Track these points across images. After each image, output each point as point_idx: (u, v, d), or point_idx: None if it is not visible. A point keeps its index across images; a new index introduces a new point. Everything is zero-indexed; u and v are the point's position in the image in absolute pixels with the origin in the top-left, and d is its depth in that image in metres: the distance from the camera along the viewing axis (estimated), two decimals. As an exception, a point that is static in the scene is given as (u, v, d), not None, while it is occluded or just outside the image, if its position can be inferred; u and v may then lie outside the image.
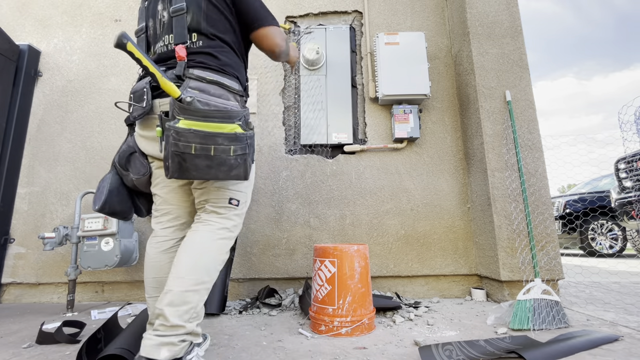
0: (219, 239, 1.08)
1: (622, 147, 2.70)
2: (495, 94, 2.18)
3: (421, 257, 2.27)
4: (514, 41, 2.26)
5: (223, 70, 1.13)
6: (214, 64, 1.11)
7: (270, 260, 2.27)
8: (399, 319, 1.65)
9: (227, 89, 1.11)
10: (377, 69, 2.43)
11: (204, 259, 1.03)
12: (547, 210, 2.01)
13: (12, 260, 2.32)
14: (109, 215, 1.22)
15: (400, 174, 2.40)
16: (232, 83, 1.14)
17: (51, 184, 2.43)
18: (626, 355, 1.13)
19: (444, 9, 2.66)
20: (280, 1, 2.67)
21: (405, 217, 2.33)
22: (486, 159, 2.10)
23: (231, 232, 1.13)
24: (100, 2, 2.71)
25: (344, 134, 2.43)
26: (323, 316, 1.48)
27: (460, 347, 1.19)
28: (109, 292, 2.31)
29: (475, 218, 2.26)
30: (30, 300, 2.31)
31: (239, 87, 1.17)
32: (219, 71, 1.12)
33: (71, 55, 2.63)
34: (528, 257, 1.94)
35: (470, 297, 2.18)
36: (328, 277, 1.51)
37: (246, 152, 1.03)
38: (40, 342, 1.41)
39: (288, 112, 2.54)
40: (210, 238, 1.07)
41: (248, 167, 1.05)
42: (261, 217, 2.33)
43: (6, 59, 2.40)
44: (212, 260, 1.05)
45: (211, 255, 1.05)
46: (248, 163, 1.05)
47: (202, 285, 1.01)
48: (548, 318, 1.48)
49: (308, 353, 1.25)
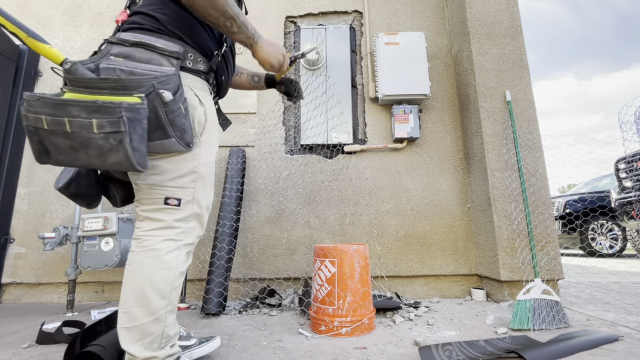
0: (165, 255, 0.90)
1: (622, 147, 2.70)
2: (495, 94, 2.18)
3: (421, 257, 2.27)
4: (514, 41, 2.26)
5: (158, 30, 0.94)
6: (148, 24, 0.94)
7: (270, 260, 2.27)
8: (399, 319, 1.65)
9: (158, 51, 0.90)
10: (377, 69, 2.43)
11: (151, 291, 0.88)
12: (547, 210, 2.01)
13: (12, 260, 2.32)
14: (70, 198, 1.05)
15: (400, 174, 2.40)
16: (168, 44, 0.92)
17: (51, 184, 2.43)
18: (626, 355, 1.13)
19: (444, 9, 2.66)
20: (280, 1, 2.67)
21: (405, 217, 2.33)
22: (486, 159, 2.10)
23: (178, 240, 0.93)
24: (100, 2, 2.71)
25: (344, 134, 2.43)
26: (323, 316, 1.48)
27: (460, 347, 1.19)
28: (109, 292, 2.31)
29: (475, 218, 2.26)
30: (30, 300, 2.31)
31: (180, 49, 0.94)
32: (152, 31, 0.93)
33: (71, 55, 2.62)
34: (528, 257, 1.94)
35: (470, 297, 2.18)
36: (328, 277, 1.51)
37: (122, 130, 0.76)
38: (40, 342, 1.40)
39: (288, 112, 2.54)
40: (151, 266, 0.89)
41: (133, 151, 0.78)
42: (261, 217, 2.33)
43: (6, 59, 2.40)
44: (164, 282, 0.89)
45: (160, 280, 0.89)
46: (132, 146, 0.78)
47: (162, 311, 0.89)
48: (548, 318, 1.48)
49: (308, 353, 1.25)
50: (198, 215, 0.98)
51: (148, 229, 0.92)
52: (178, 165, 0.94)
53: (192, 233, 0.97)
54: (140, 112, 0.79)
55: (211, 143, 1.01)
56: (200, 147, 0.96)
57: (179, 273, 0.92)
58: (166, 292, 0.89)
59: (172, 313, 0.91)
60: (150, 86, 0.83)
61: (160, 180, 0.92)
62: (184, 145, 0.91)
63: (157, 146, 0.89)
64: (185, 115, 0.89)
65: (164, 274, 0.89)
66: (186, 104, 0.90)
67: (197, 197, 0.97)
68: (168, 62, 0.91)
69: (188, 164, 0.94)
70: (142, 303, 0.87)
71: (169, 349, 0.91)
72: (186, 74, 0.96)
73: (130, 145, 0.78)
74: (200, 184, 0.97)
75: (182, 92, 0.90)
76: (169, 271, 0.90)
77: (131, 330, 0.87)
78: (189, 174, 0.95)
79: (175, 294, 0.92)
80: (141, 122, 0.79)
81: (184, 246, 0.95)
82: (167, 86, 0.85)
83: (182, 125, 0.88)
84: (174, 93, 0.86)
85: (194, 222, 0.97)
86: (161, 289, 0.89)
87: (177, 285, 0.92)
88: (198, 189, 0.97)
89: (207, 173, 1.00)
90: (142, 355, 0.86)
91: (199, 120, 0.96)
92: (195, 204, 0.96)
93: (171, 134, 0.87)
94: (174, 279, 0.91)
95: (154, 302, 0.88)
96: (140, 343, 0.86)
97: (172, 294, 0.91)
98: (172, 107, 0.85)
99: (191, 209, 0.95)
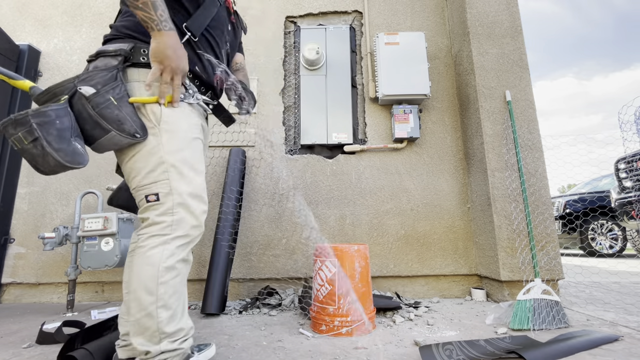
0: (148, 251, 0.92)
1: (622, 147, 2.70)
2: (495, 94, 2.18)
3: (421, 257, 2.27)
4: (514, 41, 2.26)
5: (114, 36, 1.01)
6: (109, 35, 1.01)
7: (270, 260, 2.27)
8: (399, 319, 1.65)
9: (109, 54, 0.95)
10: (377, 69, 2.43)
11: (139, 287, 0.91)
12: (547, 210, 2.01)
13: (12, 260, 2.32)
14: (120, 209, 1.20)
15: (400, 174, 2.40)
16: (120, 45, 0.96)
17: (51, 184, 2.43)
18: (626, 355, 1.13)
19: (444, 9, 2.66)
20: (280, 1, 2.67)
21: (405, 217, 2.33)
22: (486, 159, 2.10)
23: (163, 235, 0.93)
24: (100, 2, 2.71)
25: (344, 134, 2.43)
26: (324, 316, 1.48)
27: (461, 346, 1.19)
28: (109, 292, 2.31)
29: (475, 218, 2.26)
30: (30, 300, 2.31)
31: (128, 47, 0.97)
32: (111, 39, 1.01)
33: (71, 56, 2.63)
34: (528, 257, 1.94)
35: (470, 297, 2.18)
36: (329, 277, 1.51)
37: (37, 137, 0.82)
38: (40, 342, 1.41)
39: (288, 112, 2.54)
40: (137, 263, 0.92)
41: (56, 152, 0.83)
42: (261, 217, 2.33)
43: (6, 59, 2.40)
44: (148, 278, 0.90)
45: (145, 276, 0.91)
46: (53, 147, 0.83)
47: (152, 306, 0.89)
48: (548, 318, 1.48)
49: (308, 353, 1.25)
50: (183, 205, 0.96)
51: (140, 228, 0.97)
52: (145, 161, 0.95)
53: (182, 224, 0.95)
54: (48, 114, 0.84)
55: (174, 131, 0.97)
56: (160, 136, 0.95)
57: (163, 268, 0.91)
58: (151, 287, 0.90)
59: (165, 309, 0.90)
60: (72, 86, 0.89)
61: (138, 181, 0.96)
62: (128, 135, 0.91)
63: (105, 143, 0.93)
64: (118, 107, 0.90)
65: (147, 269, 0.90)
66: (121, 95, 0.91)
67: (175, 187, 0.95)
68: (116, 61, 0.95)
69: (153, 156, 0.95)
70: (133, 298, 0.90)
71: (168, 344, 0.91)
72: (141, 69, 0.98)
73: (50, 147, 0.83)
74: (174, 173, 0.96)
75: (116, 85, 0.91)
76: (152, 267, 0.90)
77: (132, 324, 0.90)
78: (158, 165, 0.95)
79: (164, 289, 0.91)
80: (53, 123, 0.84)
81: (172, 240, 0.93)
82: (91, 82, 0.89)
83: (115, 117, 0.89)
84: (101, 86, 0.89)
85: (182, 212, 0.95)
86: (146, 285, 0.90)
87: (163, 280, 0.91)
88: (173, 178, 0.95)
89: (179, 161, 0.97)
90: (141, 348, 0.89)
91: (153, 111, 0.96)
92: (176, 194, 0.95)
93: (107, 127, 0.89)
94: (158, 275, 0.91)
95: (142, 298, 0.90)
96: (142, 336, 0.89)
97: (160, 290, 0.90)
98: (96, 100, 0.88)
99: (172, 200, 0.94)
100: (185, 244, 0.96)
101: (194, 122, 1.04)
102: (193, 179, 0.99)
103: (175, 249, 0.94)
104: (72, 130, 0.88)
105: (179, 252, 0.94)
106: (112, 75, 0.91)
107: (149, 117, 0.95)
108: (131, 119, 0.91)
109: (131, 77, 0.98)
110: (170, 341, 0.91)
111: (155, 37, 0.92)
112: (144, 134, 0.94)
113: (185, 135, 1.00)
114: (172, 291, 0.92)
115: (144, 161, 0.95)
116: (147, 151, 0.95)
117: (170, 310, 0.91)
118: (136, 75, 0.98)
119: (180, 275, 0.96)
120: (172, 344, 0.91)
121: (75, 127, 0.89)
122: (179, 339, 0.93)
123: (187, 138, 1.00)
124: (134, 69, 0.98)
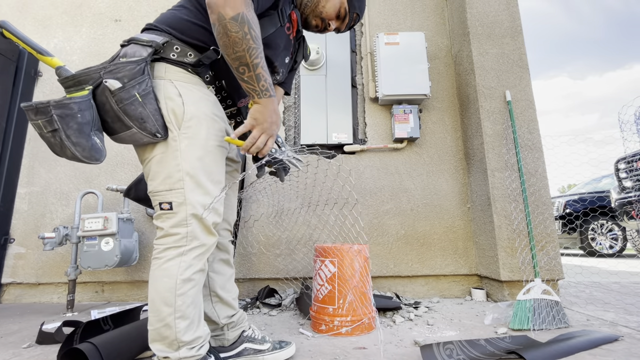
0: (165, 263, 0.91)
1: (621, 147, 2.70)
2: (495, 94, 2.18)
3: (421, 257, 2.27)
4: (514, 41, 2.26)
5: (155, 27, 0.99)
6: (147, 26, 1.01)
7: (270, 260, 2.27)
8: (399, 319, 1.65)
9: (140, 43, 0.92)
10: (377, 69, 2.43)
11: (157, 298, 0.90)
12: (547, 210, 2.01)
13: (12, 260, 2.32)
14: (135, 201, 1.17)
15: (400, 174, 2.40)
16: (153, 37, 0.94)
17: (51, 184, 2.43)
18: (626, 355, 1.13)
19: (444, 9, 2.66)
20: (280, 1, 2.66)
21: (405, 217, 2.33)
22: (486, 159, 2.10)
23: (179, 247, 0.91)
24: (100, 2, 2.71)
25: (344, 134, 2.43)
26: (323, 315, 1.48)
27: (461, 346, 1.19)
28: (109, 292, 2.31)
29: (475, 218, 2.26)
30: (30, 300, 2.31)
31: (162, 40, 0.94)
32: (150, 30, 1.00)
33: (71, 55, 2.62)
34: (528, 257, 1.94)
35: (470, 297, 2.18)
36: (328, 276, 1.51)
37: (56, 128, 0.80)
38: (40, 342, 1.40)
39: (288, 112, 2.54)
40: (155, 275, 0.91)
41: (73, 146, 0.82)
42: (261, 217, 2.33)
43: (6, 59, 2.40)
44: (166, 290, 0.90)
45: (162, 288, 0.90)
46: (72, 141, 0.82)
47: (170, 317, 0.89)
48: (548, 318, 1.48)
49: (308, 353, 1.25)
50: (197, 217, 0.92)
51: (156, 237, 0.95)
52: (163, 166, 0.92)
53: (196, 235, 0.93)
54: (71, 107, 0.81)
55: (194, 137, 0.93)
56: (180, 142, 0.92)
57: (181, 281, 0.90)
58: (169, 300, 0.89)
59: (183, 319, 0.90)
60: (98, 77, 0.85)
61: (154, 186, 0.93)
62: (149, 135, 0.88)
63: (125, 138, 0.91)
64: (142, 104, 0.86)
65: (165, 282, 0.89)
66: (147, 92, 0.88)
67: (189, 198, 0.91)
68: (145, 52, 0.91)
69: (171, 162, 0.92)
70: (153, 309, 0.91)
71: (186, 351, 0.91)
72: (169, 65, 0.96)
73: (68, 140, 0.82)
74: (190, 182, 0.92)
75: (142, 80, 0.87)
76: (170, 279, 0.89)
77: (152, 332, 0.91)
78: (175, 173, 0.92)
79: (182, 300, 0.90)
80: (74, 116, 0.81)
81: (188, 251, 0.91)
82: (118, 74, 0.85)
83: (138, 115, 0.86)
84: (128, 80, 0.85)
85: (195, 223, 0.92)
86: (164, 297, 0.89)
87: (180, 292, 0.90)
88: (188, 188, 0.91)
89: (196, 171, 0.93)
90: (160, 354, 0.90)
91: (175, 112, 0.92)
92: (189, 204, 0.91)
93: (129, 124, 0.87)
94: (176, 287, 0.89)
95: (160, 309, 0.90)
96: (160, 343, 0.90)
97: (178, 301, 0.90)
98: (121, 95, 0.84)
99: (185, 210, 0.91)
100: (201, 254, 0.94)
101: (217, 127, 1.00)
102: (209, 190, 0.96)
103: (192, 260, 0.92)
104: (93, 123, 0.86)
105: (195, 262, 0.93)
106: (139, 69, 0.87)
107: (170, 119, 0.92)
108: (154, 117, 0.89)
109: (157, 73, 0.94)
110: (189, 348, 0.92)
111: (256, 103, 0.95)
112: (165, 134, 0.91)
113: (206, 143, 0.96)
114: (190, 301, 0.92)
115: (161, 166, 0.93)
116: (166, 156, 0.92)
117: (187, 320, 0.91)
118: (162, 72, 0.95)
119: (198, 286, 0.95)
120: (190, 351, 0.92)
121: (96, 120, 0.87)
122: (196, 346, 0.94)
123: (208, 146, 0.96)
124: (161, 64, 0.95)
